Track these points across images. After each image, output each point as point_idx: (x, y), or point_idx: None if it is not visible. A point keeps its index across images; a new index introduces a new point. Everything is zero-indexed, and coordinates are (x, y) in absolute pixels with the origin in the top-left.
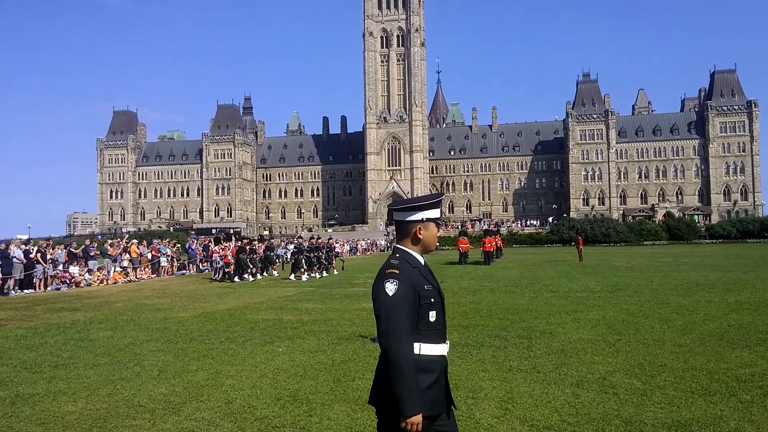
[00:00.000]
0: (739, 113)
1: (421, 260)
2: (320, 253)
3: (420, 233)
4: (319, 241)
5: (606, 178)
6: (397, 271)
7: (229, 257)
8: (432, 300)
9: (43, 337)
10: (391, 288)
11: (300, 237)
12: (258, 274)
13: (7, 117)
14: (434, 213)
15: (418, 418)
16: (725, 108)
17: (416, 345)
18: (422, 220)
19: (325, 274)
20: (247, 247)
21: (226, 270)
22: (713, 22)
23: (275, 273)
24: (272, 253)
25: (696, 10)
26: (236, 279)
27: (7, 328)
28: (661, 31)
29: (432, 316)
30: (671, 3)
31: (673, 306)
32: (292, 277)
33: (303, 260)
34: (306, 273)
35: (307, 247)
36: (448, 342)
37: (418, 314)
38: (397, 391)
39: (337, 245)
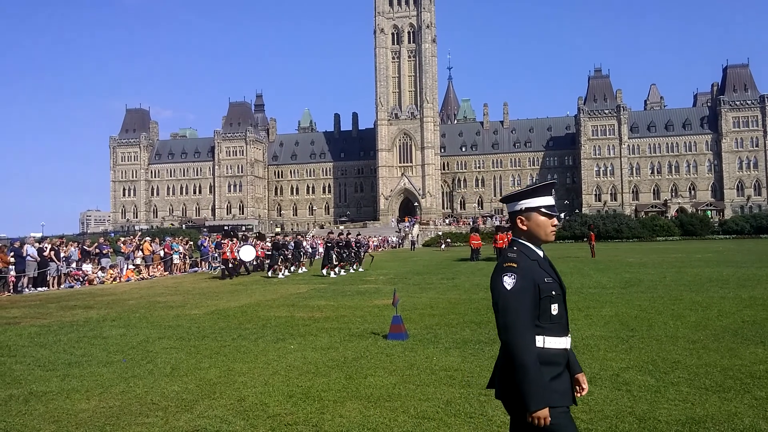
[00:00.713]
0: (752, 108)
1: (540, 252)
2: (351, 249)
3: (523, 224)
4: (349, 236)
5: (618, 173)
6: (515, 265)
7: (228, 255)
8: (553, 293)
9: (57, 335)
10: (509, 282)
11: (331, 232)
12: (288, 269)
13: (21, 115)
14: (535, 202)
15: (544, 412)
16: (738, 103)
17: (539, 338)
18: (521, 210)
19: (361, 269)
20: (281, 243)
21: (228, 267)
22: (725, 17)
23: (304, 269)
24: (301, 249)
25: (708, 4)
26: (270, 274)
27: (21, 326)
28: (673, 26)
29: (554, 309)
30: None
31: (686, 302)
32: (324, 272)
33: (334, 256)
34: (338, 268)
35: (338, 242)
36: (570, 335)
37: (540, 307)
38: (520, 386)
39: (366, 241)
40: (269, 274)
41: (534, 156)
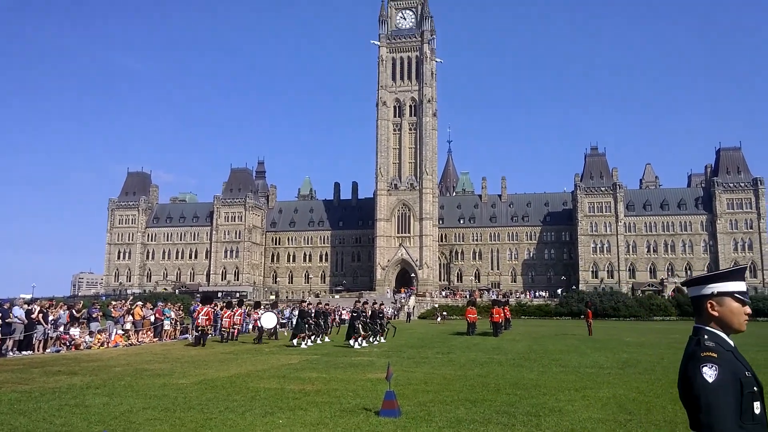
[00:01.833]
0: (745, 190)
1: (731, 342)
2: (377, 320)
3: (713, 309)
4: (367, 306)
5: (615, 250)
6: (715, 355)
7: (201, 321)
8: (754, 389)
9: (38, 402)
10: (710, 374)
11: (358, 301)
12: (310, 340)
13: (21, 175)
14: (729, 286)
15: None
16: (731, 185)
17: None
18: (712, 294)
19: (383, 340)
20: (310, 311)
21: (199, 334)
22: (718, 100)
23: (327, 339)
24: (323, 319)
25: (701, 87)
26: (295, 342)
27: (1, 392)
28: (668, 108)
29: (756, 407)
30: (677, 81)
31: None
32: (351, 342)
33: (360, 326)
34: (362, 339)
35: (364, 312)
36: None
37: (742, 406)
38: None
39: (386, 309)
40: (294, 342)
41: (531, 230)
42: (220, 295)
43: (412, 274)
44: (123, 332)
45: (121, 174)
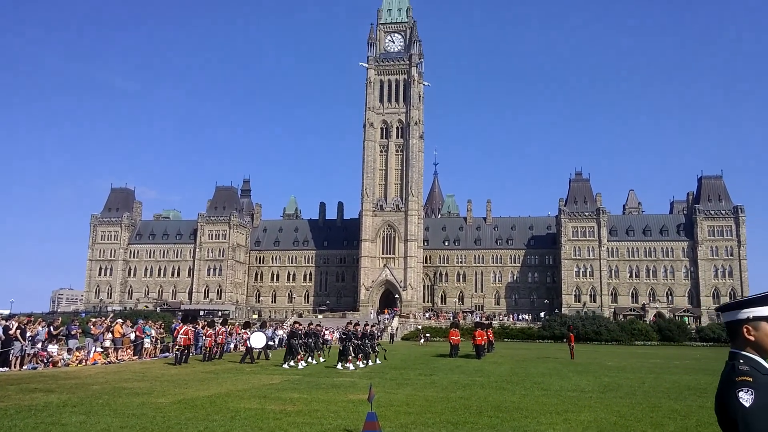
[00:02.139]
0: (726, 218)
1: None
2: (367, 341)
3: (749, 334)
4: (358, 327)
5: (597, 275)
6: (751, 379)
7: (179, 341)
8: None
9: (13, 420)
10: (746, 398)
11: (350, 323)
12: (305, 360)
13: (2, 189)
14: (765, 311)
15: None
16: (713, 212)
17: None
18: (748, 319)
19: (378, 361)
20: (300, 332)
21: (179, 353)
22: (700, 129)
23: (321, 359)
24: (317, 340)
25: (685, 115)
26: (285, 365)
27: None
28: (651, 135)
29: None
30: (661, 108)
31: (665, 410)
32: (340, 366)
33: (351, 348)
34: (356, 361)
35: (353, 333)
36: None
37: None
38: None
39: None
40: (287, 365)
41: (515, 253)
42: (202, 313)
43: (396, 295)
44: (102, 350)
45: (104, 190)
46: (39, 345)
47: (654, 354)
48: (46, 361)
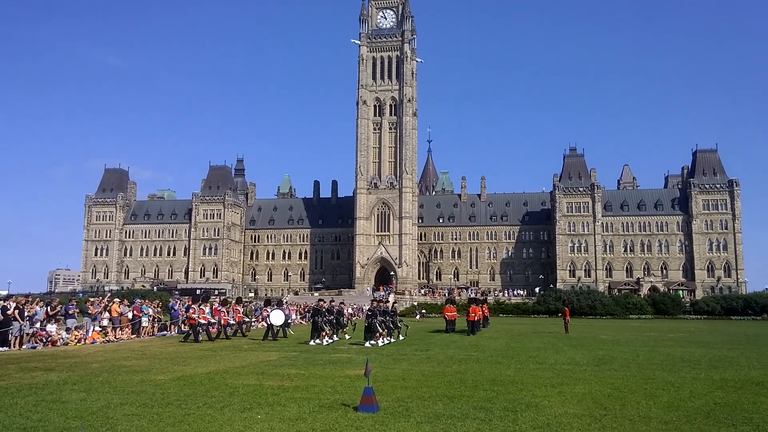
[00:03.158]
0: (721, 191)
1: None
2: (389, 317)
3: None
4: (384, 305)
5: (592, 250)
6: None
7: (196, 319)
8: None
9: (14, 398)
10: None
11: (374, 300)
12: (331, 338)
13: None
14: None
15: None
16: (707, 186)
17: None
18: None
19: (401, 337)
20: (324, 309)
21: (194, 332)
22: (695, 102)
23: (347, 336)
24: (340, 317)
25: (679, 89)
26: (311, 342)
27: None
28: (646, 109)
29: None
30: (655, 83)
31: (658, 382)
32: (368, 344)
33: (377, 324)
34: (381, 337)
35: (379, 310)
36: None
37: None
38: None
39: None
40: (313, 342)
41: (510, 230)
42: (198, 292)
43: (392, 273)
44: (100, 329)
45: (98, 170)
46: (37, 325)
47: (648, 327)
48: (45, 341)
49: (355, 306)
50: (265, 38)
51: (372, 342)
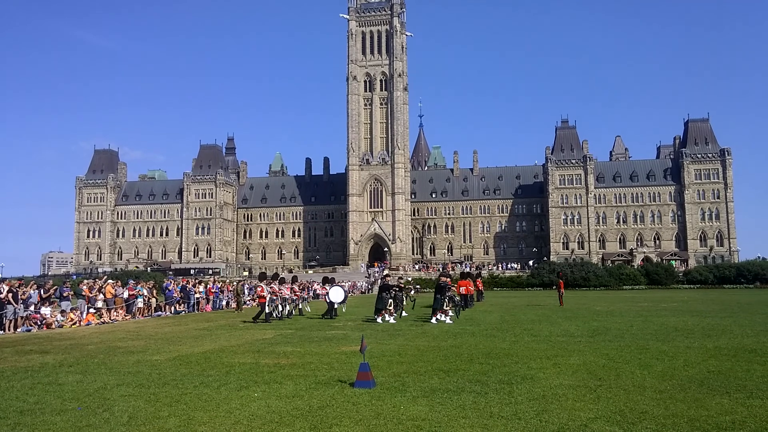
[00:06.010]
0: (713, 161)
1: None
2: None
3: None
4: (392, 279)
5: (585, 222)
6: None
7: (266, 297)
8: None
9: (10, 381)
10: None
11: (387, 275)
12: (396, 313)
13: None
14: None
15: None
16: (699, 156)
17: None
18: None
19: (404, 313)
20: (390, 284)
21: (263, 311)
22: (686, 71)
23: (404, 313)
24: (401, 293)
25: (670, 59)
26: (378, 320)
27: None
28: (637, 80)
29: None
30: (646, 53)
31: (653, 351)
32: (379, 319)
33: (389, 299)
34: (393, 312)
35: (390, 286)
36: None
37: None
38: None
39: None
40: (378, 319)
41: (503, 203)
42: (192, 272)
43: (385, 249)
44: (95, 311)
45: (87, 151)
46: (32, 308)
47: (642, 298)
48: (39, 324)
49: (350, 283)
50: (254, 15)
51: (382, 318)
